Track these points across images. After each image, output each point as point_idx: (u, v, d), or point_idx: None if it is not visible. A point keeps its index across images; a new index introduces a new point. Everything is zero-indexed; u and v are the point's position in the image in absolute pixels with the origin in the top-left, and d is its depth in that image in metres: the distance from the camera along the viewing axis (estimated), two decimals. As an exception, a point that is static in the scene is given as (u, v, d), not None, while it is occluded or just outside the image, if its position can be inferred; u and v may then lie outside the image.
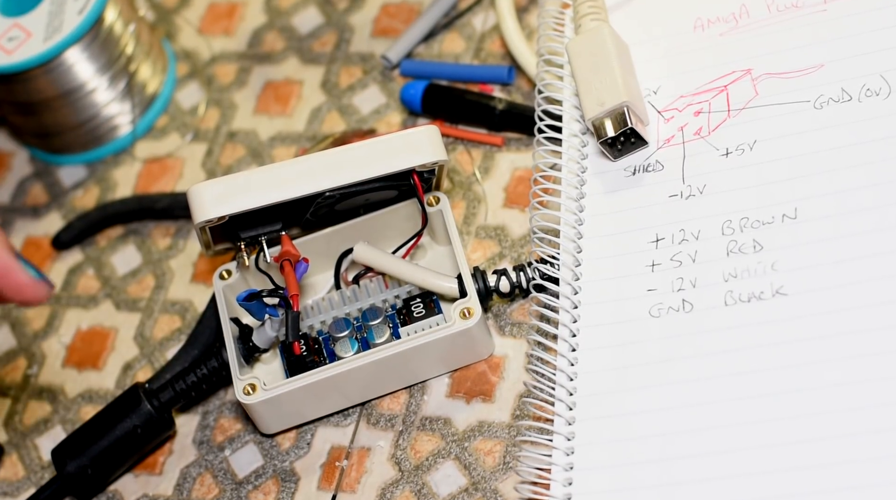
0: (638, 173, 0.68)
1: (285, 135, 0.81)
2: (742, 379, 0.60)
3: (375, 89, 0.81)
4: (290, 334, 0.67)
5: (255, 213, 0.68)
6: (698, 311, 0.63)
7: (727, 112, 0.68)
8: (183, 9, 0.90)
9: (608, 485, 0.60)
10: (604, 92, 0.67)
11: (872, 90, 0.65)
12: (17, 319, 0.80)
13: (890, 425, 0.56)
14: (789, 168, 0.65)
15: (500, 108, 0.76)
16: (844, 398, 0.58)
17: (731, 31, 0.70)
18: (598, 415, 0.62)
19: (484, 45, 0.80)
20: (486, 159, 0.76)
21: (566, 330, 0.65)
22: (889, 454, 0.56)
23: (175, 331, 0.77)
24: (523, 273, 0.69)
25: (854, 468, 0.56)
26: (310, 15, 0.86)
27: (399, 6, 0.84)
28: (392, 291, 0.70)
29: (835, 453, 0.57)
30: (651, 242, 0.66)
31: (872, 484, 0.56)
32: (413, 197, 0.71)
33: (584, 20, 0.71)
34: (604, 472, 0.61)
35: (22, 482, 0.74)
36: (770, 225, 0.63)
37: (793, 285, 0.61)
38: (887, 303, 0.59)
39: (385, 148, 0.68)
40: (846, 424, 0.57)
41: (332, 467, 0.69)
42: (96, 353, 0.77)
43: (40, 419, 0.76)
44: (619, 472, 0.61)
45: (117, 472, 0.72)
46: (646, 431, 0.61)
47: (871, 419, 0.57)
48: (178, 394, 0.71)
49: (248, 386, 0.68)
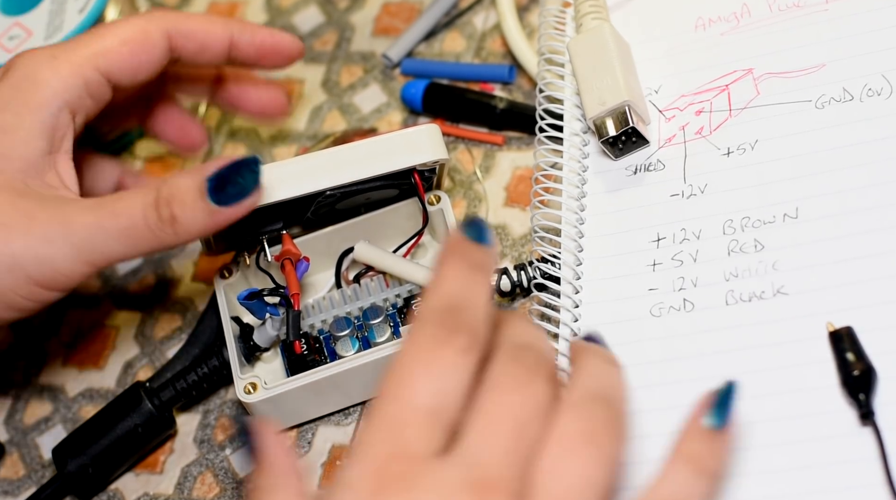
0: (639, 173, 0.68)
1: (286, 134, 0.81)
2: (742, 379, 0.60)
3: (376, 88, 0.81)
4: (290, 333, 0.67)
5: (256, 212, 0.68)
6: (699, 310, 0.63)
7: (728, 111, 0.68)
8: (183, 8, 0.90)
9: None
10: (605, 91, 0.67)
11: (874, 90, 0.65)
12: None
13: (890, 424, 0.56)
14: (791, 168, 0.65)
15: (501, 107, 0.76)
16: (844, 398, 0.58)
17: (732, 31, 0.70)
18: (599, 414, 0.62)
19: (485, 44, 0.80)
20: (487, 158, 0.76)
21: (567, 329, 0.65)
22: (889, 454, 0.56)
23: (176, 330, 0.77)
24: (524, 272, 0.69)
25: (854, 468, 0.56)
26: (310, 14, 0.86)
27: (400, 5, 0.84)
28: (393, 290, 0.70)
29: (835, 453, 0.57)
30: (652, 241, 0.66)
31: (872, 484, 0.56)
32: (414, 196, 0.71)
33: (585, 19, 0.71)
34: (605, 471, 0.61)
35: (23, 481, 0.74)
36: (771, 225, 0.63)
37: (794, 284, 0.61)
38: (888, 303, 0.59)
39: (386, 147, 0.68)
40: (846, 424, 0.57)
41: (333, 466, 0.69)
42: (97, 351, 0.77)
43: (41, 418, 0.76)
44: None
45: (118, 471, 0.72)
46: (646, 430, 0.61)
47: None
48: (178, 393, 0.71)
49: (248, 385, 0.68)
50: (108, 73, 0.67)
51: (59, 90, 0.65)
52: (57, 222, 0.63)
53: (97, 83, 0.66)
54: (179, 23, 0.68)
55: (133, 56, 0.67)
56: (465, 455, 0.49)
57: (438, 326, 0.51)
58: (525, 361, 0.51)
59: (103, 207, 0.63)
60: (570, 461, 0.49)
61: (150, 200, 0.63)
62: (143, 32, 0.68)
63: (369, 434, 0.50)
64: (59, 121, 0.65)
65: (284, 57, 0.71)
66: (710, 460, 0.52)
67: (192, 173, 0.64)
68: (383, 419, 0.50)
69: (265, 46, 0.70)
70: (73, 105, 0.66)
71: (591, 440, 0.50)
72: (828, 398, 0.58)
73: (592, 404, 0.51)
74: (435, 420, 0.49)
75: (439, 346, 0.50)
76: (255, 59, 0.71)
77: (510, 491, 0.49)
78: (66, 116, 0.66)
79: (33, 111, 0.65)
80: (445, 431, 0.50)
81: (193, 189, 0.63)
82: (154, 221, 0.63)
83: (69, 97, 0.66)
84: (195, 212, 0.63)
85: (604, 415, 0.51)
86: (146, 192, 0.63)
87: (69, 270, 0.63)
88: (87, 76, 0.66)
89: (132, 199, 0.63)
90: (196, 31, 0.69)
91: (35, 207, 0.63)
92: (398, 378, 0.50)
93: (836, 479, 0.56)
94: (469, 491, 0.48)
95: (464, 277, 0.52)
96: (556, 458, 0.49)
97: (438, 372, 0.50)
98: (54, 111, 0.65)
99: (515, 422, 0.50)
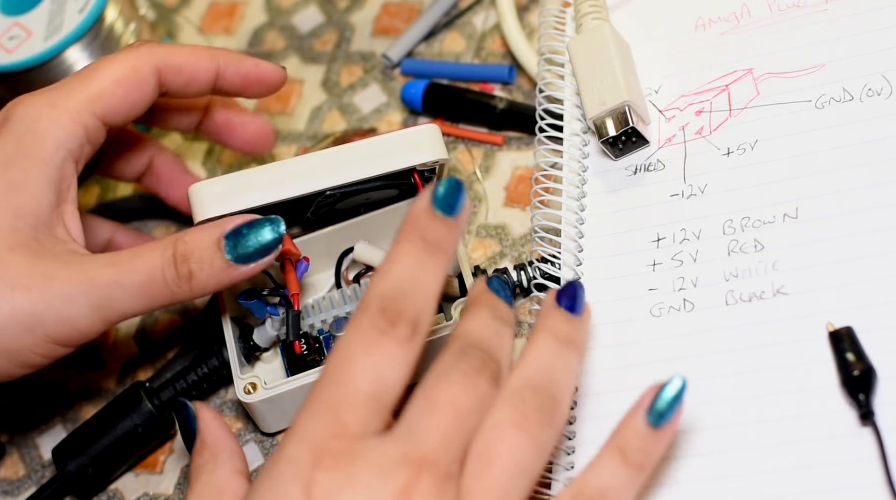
0: (639, 173, 0.68)
1: (286, 134, 0.81)
2: (742, 379, 0.60)
3: (376, 88, 0.81)
4: (290, 333, 0.67)
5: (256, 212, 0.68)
6: (699, 310, 0.63)
7: (728, 111, 0.68)
8: (183, 8, 0.90)
9: (609, 484, 0.60)
10: (605, 91, 0.67)
11: (874, 90, 0.65)
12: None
13: (890, 424, 0.56)
14: (790, 168, 0.65)
15: (501, 107, 0.76)
16: (844, 398, 0.58)
17: (732, 31, 0.70)
18: (599, 414, 0.62)
19: (485, 44, 0.80)
20: (487, 158, 0.76)
21: (567, 329, 0.65)
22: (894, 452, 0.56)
23: (176, 330, 0.76)
24: (524, 272, 0.69)
25: (854, 468, 0.56)
26: (310, 14, 0.86)
27: (400, 5, 0.84)
28: (393, 290, 0.70)
29: (834, 453, 0.57)
30: (652, 241, 0.66)
31: (872, 484, 0.56)
32: (414, 196, 0.71)
33: (585, 19, 0.71)
34: (605, 471, 0.61)
35: (23, 481, 0.74)
36: (771, 224, 0.63)
37: (794, 284, 0.61)
38: (888, 303, 0.59)
39: (386, 147, 0.68)
40: (846, 424, 0.57)
41: (332, 466, 0.69)
42: (97, 351, 0.77)
43: (41, 418, 0.76)
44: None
45: (118, 471, 0.72)
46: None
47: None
48: (178, 393, 0.71)
49: (248, 385, 0.68)
50: (105, 117, 0.67)
51: (63, 141, 0.65)
52: (77, 281, 0.63)
53: (95, 128, 0.67)
54: (168, 57, 0.68)
55: (127, 96, 0.67)
56: (406, 434, 0.52)
57: (381, 314, 0.53)
58: (473, 358, 0.54)
59: (121, 263, 0.63)
60: (500, 446, 0.53)
61: (167, 256, 0.63)
62: (134, 71, 0.67)
63: (310, 415, 0.53)
64: (65, 172, 0.66)
65: (268, 86, 0.71)
66: (640, 455, 0.55)
67: (209, 229, 0.64)
68: (324, 400, 0.53)
69: (250, 76, 0.70)
70: (75, 154, 0.66)
71: (521, 427, 0.53)
72: (828, 398, 0.58)
73: (526, 393, 0.54)
74: (374, 404, 0.53)
75: (380, 335, 0.53)
76: (239, 89, 0.71)
77: (443, 471, 0.52)
78: (70, 166, 0.66)
79: (39, 165, 0.65)
80: (383, 414, 0.53)
81: (211, 246, 0.63)
82: (172, 277, 0.63)
83: (72, 147, 0.66)
84: (212, 269, 0.63)
85: (536, 403, 0.54)
86: (164, 248, 0.63)
87: (87, 327, 0.63)
88: (86, 123, 0.66)
89: (150, 254, 0.63)
90: (184, 64, 0.69)
91: (54, 265, 0.63)
92: (339, 363, 0.53)
93: (835, 479, 0.56)
94: (405, 466, 0.51)
95: (417, 259, 0.55)
96: (487, 444, 0.53)
97: (379, 360, 0.53)
98: (59, 163, 0.65)
99: (457, 410, 0.53)
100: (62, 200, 0.66)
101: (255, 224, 0.64)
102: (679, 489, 0.59)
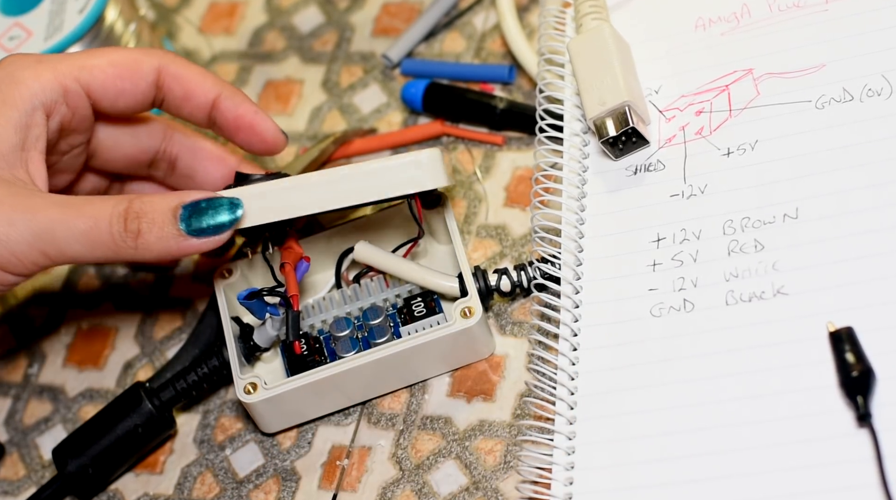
0: (639, 173, 0.68)
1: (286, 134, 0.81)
2: (742, 379, 0.60)
3: (376, 88, 0.81)
4: (290, 334, 0.67)
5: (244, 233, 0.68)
6: (699, 310, 0.63)
7: (728, 112, 0.68)
8: (183, 8, 0.90)
9: (609, 484, 0.60)
10: (605, 91, 0.67)
11: (874, 90, 0.65)
12: (18, 317, 0.80)
13: (887, 426, 0.56)
14: (791, 168, 0.65)
15: (501, 107, 0.76)
16: (843, 400, 0.58)
17: (732, 31, 0.70)
18: (600, 414, 0.62)
19: (485, 44, 0.80)
20: (487, 158, 0.76)
21: (567, 329, 0.65)
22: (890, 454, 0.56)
23: (176, 330, 0.77)
24: (524, 272, 0.69)
25: (854, 468, 0.56)
26: (310, 14, 0.86)
27: (400, 5, 0.84)
28: (393, 290, 0.70)
29: (831, 454, 0.57)
30: (652, 241, 0.66)
31: (871, 484, 0.56)
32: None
33: (585, 19, 0.71)
34: (605, 471, 0.61)
35: (23, 482, 0.74)
36: (771, 225, 0.63)
37: (794, 284, 0.61)
38: (887, 303, 0.59)
39: (387, 174, 0.67)
40: (843, 425, 0.57)
41: (332, 466, 0.69)
42: (97, 352, 0.77)
43: (41, 418, 0.76)
44: (620, 471, 0.61)
45: (118, 471, 0.72)
46: (647, 430, 0.61)
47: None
48: (178, 393, 0.71)
49: (248, 385, 0.68)
50: (88, 87, 0.68)
51: (37, 91, 0.66)
52: (23, 208, 0.64)
53: (75, 94, 0.67)
54: (173, 64, 0.69)
55: (118, 79, 0.68)
56: None
57: None
58: None
59: (71, 205, 0.64)
60: None
61: (119, 210, 0.64)
62: (135, 61, 0.68)
63: None
64: (34, 119, 0.66)
65: (261, 141, 0.70)
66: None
67: (170, 196, 0.64)
68: None
69: (244, 120, 0.69)
70: (48, 107, 0.67)
71: None
72: (826, 399, 0.58)
73: None
74: None
75: None
76: (231, 131, 0.70)
77: None
78: (40, 115, 0.67)
79: (9, 107, 0.66)
80: None
81: (167, 212, 0.64)
82: (118, 230, 0.63)
83: (45, 99, 0.67)
84: (162, 233, 0.64)
85: None
86: (118, 202, 0.64)
87: (23, 253, 0.64)
88: (66, 85, 0.67)
89: (102, 204, 0.64)
90: (186, 76, 0.69)
91: (5, 192, 0.64)
92: None
93: (831, 480, 0.56)
94: None
95: None
96: None
97: None
98: (28, 110, 0.66)
99: None
100: (28, 147, 0.66)
101: (214, 202, 0.64)
102: (680, 488, 0.59)
